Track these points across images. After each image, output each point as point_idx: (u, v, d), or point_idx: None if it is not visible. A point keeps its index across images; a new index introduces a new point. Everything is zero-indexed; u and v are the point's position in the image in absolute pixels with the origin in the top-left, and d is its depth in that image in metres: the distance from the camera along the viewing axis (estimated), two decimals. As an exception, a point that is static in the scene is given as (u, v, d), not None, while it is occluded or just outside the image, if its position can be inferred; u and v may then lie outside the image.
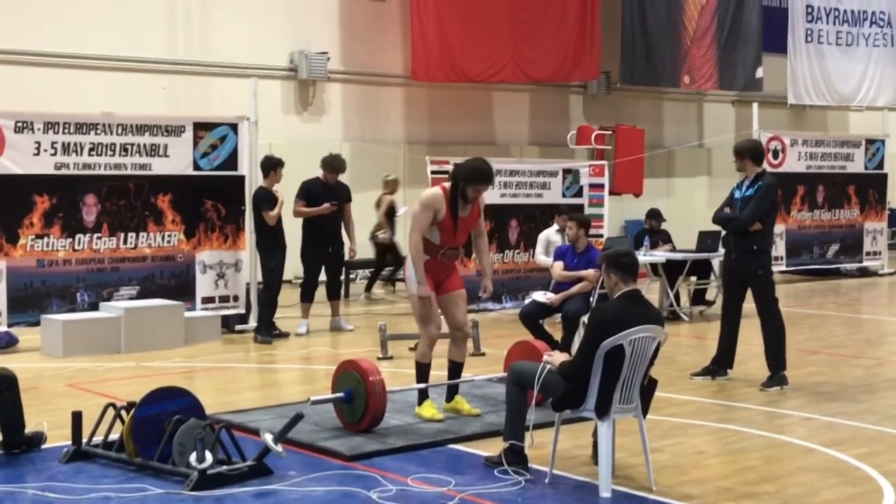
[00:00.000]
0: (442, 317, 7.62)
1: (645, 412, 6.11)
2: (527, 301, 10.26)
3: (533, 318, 9.91)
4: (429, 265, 7.38)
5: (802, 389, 8.83)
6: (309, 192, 11.72)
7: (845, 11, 22.42)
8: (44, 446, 6.70)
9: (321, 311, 12.15)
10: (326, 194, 11.68)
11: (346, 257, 12.21)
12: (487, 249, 7.88)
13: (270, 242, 11.47)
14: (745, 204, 8.94)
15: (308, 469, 6.27)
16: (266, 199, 11.38)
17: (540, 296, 9.96)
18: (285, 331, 11.53)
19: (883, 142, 18.04)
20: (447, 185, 7.43)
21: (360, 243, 12.40)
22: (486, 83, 18.60)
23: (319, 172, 11.91)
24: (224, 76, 16.34)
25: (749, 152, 9.10)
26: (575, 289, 9.96)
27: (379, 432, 7.07)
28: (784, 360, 8.93)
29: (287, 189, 11.71)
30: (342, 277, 13.07)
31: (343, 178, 12.19)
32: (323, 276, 11.93)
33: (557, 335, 10.46)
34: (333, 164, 11.91)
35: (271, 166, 11.55)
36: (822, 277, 17.58)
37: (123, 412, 6.47)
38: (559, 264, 10.39)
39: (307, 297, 11.83)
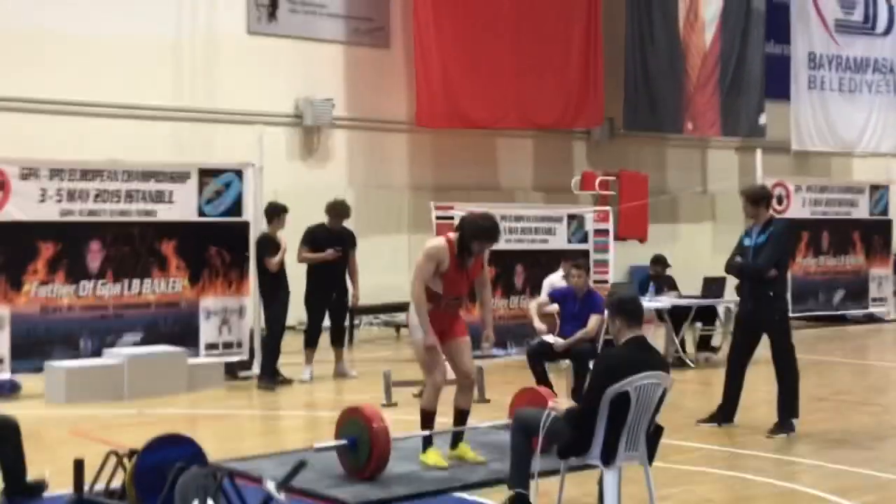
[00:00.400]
0: (446, 363, 7.59)
1: (651, 459, 6.05)
2: (535, 340, 10.14)
3: (539, 357, 9.81)
4: (432, 314, 7.36)
5: (810, 436, 8.77)
6: (314, 239, 11.74)
7: (848, 58, 22.53)
8: (46, 494, 6.66)
9: (325, 356, 12.09)
10: (331, 240, 11.70)
11: (350, 304, 12.17)
12: (490, 301, 7.88)
13: (272, 289, 11.48)
14: (759, 250, 8.91)
15: (311, 517, 6.22)
16: (268, 245, 11.39)
17: (549, 337, 9.89)
18: (289, 377, 11.47)
19: (887, 188, 18.06)
20: (452, 235, 7.44)
21: (364, 289, 12.30)
22: (490, 129, 18.67)
23: (325, 218, 11.93)
24: (229, 123, 16.40)
25: (765, 199, 9.13)
26: (578, 335, 9.87)
27: (383, 480, 7.02)
28: (796, 408, 8.86)
29: (292, 235, 11.72)
30: (346, 324, 13.01)
31: (348, 223, 12.20)
32: (327, 322, 11.91)
33: (559, 382, 10.42)
34: (337, 209, 11.93)
35: (275, 213, 11.59)
36: (828, 324, 17.51)
37: (125, 460, 6.42)
38: (544, 301, 10.27)
39: (311, 343, 11.80)
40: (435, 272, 7.31)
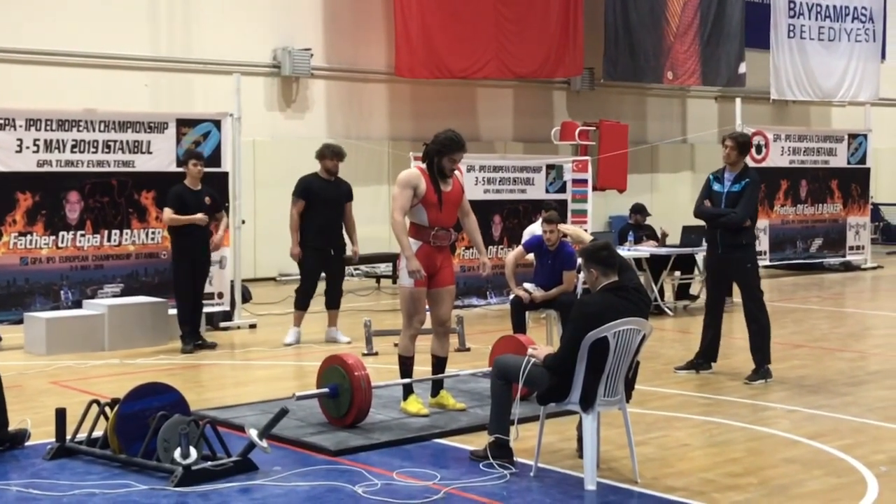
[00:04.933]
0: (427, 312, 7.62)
1: (628, 396, 6.12)
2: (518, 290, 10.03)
3: (521, 307, 9.78)
4: (422, 253, 7.37)
5: (786, 382, 8.87)
6: (307, 190, 10.75)
7: (827, 7, 22.51)
8: (28, 443, 6.68)
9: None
10: (327, 192, 10.73)
11: (350, 260, 11.49)
12: (477, 229, 7.80)
13: (174, 248, 10.63)
14: (731, 198, 8.94)
15: (293, 464, 6.27)
16: (174, 196, 10.46)
17: (531, 286, 9.86)
18: (211, 342, 10.71)
19: (865, 136, 18.13)
20: (423, 165, 7.45)
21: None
22: (470, 79, 18.61)
23: (303, 168, 11.59)
24: (207, 73, 16.30)
25: (749, 147, 9.20)
26: (553, 292, 9.81)
27: (364, 427, 7.07)
28: (769, 354, 8.97)
29: (269, 186, 11.64)
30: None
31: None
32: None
33: (540, 330, 10.45)
34: (332, 147, 10.95)
35: (183, 161, 10.75)
36: (806, 272, 17.66)
37: (107, 408, 6.45)
38: (520, 252, 10.13)
39: (301, 304, 10.86)
40: (415, 201, 7.32)
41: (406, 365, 7.55)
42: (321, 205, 10.74)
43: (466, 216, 7.73)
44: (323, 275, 11.04)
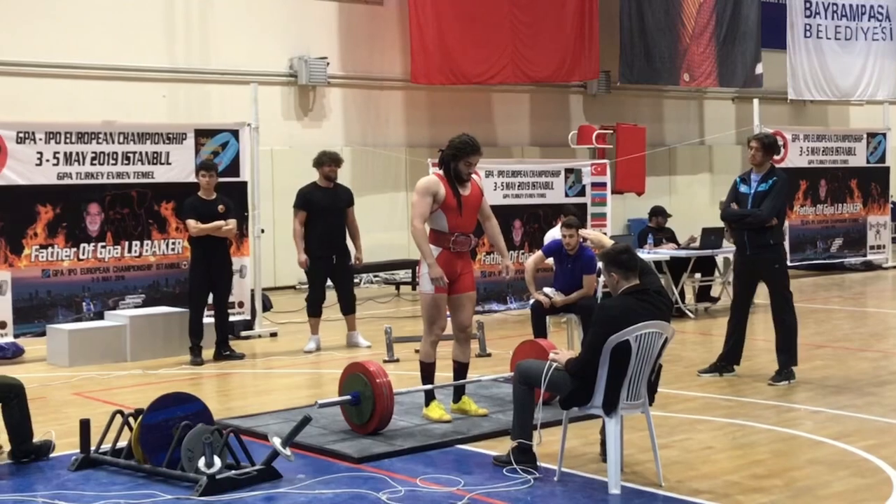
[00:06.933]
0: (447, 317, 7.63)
1: (651, 400, 6.11)
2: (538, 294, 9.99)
3: (542, 312, 9.76)
4: (443, 259, 7.38)
5: (809, 383, 8.83)
6: (307, 201, 10.94)
7: (844, 6, 22.42)
8: (52, 455, 6.71)
9: (329, 318, 12.06)
10: (326, 200, 10.94)
11: (353, 265, 11.45)
12: (499, 232, 7.81)
13: (193, 256, 10.70)
14: (759, 198, 8.91)
15: (317, 472, 6.28)
16: (191, 207, 10.55)
17: (551, 291, 9.83)
18: (239, 352, 10.72)
19: (884, 135, 18.05)
20: (441, 171, 7.46)
21: (363, 247, 11.90)
22: (486, 85, 18.61)
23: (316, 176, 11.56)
24: (224, 83, 16.36)
25: (776, 148, 9.15)
26: (574, 296, 9.78)
27: (387, 434, 7.07)
28: (795, 355, 8.93)
29: (288, 197, 11.59)
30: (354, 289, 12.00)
31: (345, 182, 12.13)
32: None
33: (560, 335, 10.44)
34: (329, 154, 11.10)
35: (195, 171, 10.83)
36: (827, 272, 17.58)
37: (131, 419, 6.48)
38: (539, 258, 10.10)
39: (313, 311, 11.05)
40: (434, 207, 7.33)
41: (427, 371, 7.56)
42: (322, 213, 10.91)
43: (488, 220, 7.74)
44: (332, 283, 11.18)
